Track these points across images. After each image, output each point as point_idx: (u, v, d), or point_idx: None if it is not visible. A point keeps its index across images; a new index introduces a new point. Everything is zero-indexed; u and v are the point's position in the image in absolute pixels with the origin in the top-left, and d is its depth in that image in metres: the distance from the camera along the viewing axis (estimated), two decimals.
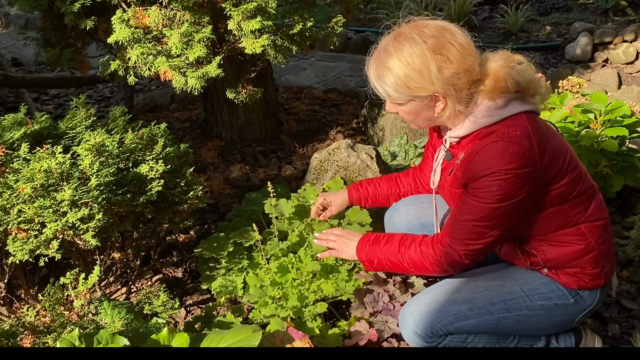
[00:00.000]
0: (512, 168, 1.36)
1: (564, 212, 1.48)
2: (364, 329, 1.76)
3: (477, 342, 1.58)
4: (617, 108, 2.46)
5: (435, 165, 1.64)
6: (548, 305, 1.55)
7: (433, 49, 1.38)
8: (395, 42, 1.42)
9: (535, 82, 1.46)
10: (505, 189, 1.38)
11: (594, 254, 1.52)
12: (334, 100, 3.95)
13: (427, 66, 1.38)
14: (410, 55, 1.39)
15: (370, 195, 1.93)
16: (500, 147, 1.37)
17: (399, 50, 1.40)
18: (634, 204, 2.55)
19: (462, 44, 1.40)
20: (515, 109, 1.42)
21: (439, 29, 1.41)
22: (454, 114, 1.45)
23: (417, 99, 1.44)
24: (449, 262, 1.52)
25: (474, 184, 1.42)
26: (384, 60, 1.43)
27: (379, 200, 1.94)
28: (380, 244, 1.66)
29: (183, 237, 2.50)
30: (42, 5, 2.63)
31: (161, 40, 2.34)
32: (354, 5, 2.98)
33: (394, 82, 1.42)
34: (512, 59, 1.46)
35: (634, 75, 4.24)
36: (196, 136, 3.39)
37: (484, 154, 1.39)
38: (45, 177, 1.65)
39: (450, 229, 1.51)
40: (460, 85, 1.40)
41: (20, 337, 1.46)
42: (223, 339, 1.33)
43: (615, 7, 5.01)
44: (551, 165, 1.43)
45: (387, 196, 1.92)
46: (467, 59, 1.39)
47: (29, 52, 4.44)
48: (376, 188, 1.93)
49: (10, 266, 1.83)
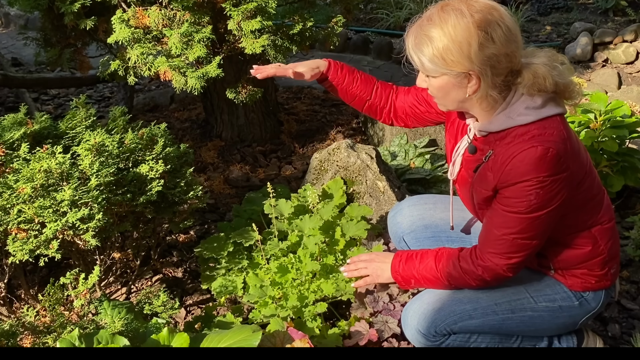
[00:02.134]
0: (549, 174, 1.32)
1: (580, 216, 1.47)
2: (364, 329, 1.76)
3: (480, 342, 1.57)
4: (617, 108, 2.47)
5: (455, 156, 1.58)
6: (552, 307, 1.55)
7: (479, 25, 1.31)
8: (441, 12, 1.34)
9: (573, 87, 1.40)
10: (543, 196, 1.34)
11: (602, 256, 1.51)
12: (334, 100, 3.94)
13: (468, 41, 1.30)
14: (454, 27, 1.31)
15: (343, 86, 1.76)
16: (540, 153, 1.31)
17: (444, 20, 1.33)
18: (634, 204, 2.56)
19: (509, 27, 1.33)
20: (551, 110, 1.37)
21: (488, 6, 1.34)
22: (485, 98, 1.38)
23: (450, 74, 1.36)
24: (493, 277, 1.48)
25: (507, 191, 1.37)
26: (426, 28, 1.35)
27: (346, 95, 1.78)
28: (415, 261, 1.59)
29: (183, 237, 2.50)
30: (42, 5, 2.63)
31: (161, 40, 2.34)
32: (354, 5, 2.98)
33: (431, 52, 1.34)
34: (556, 59, 1.40)
35: (634, 75, 4.24)
36: (196, 136, 3.39)
37: (522, 158, 1.33)
38: (45, 177, 1.65)
39: (489, 243, 1.46)
40: (499, 70, 1.34)
41: (20, 337, 1.46)
42: (223, 339, 1.33)
43: (615, 7, 5.01)
44: (579, 169, 1.40)
45: (355, 96, 1.77)
46: (510, 44, 1.33)
47: (29, 52, 4.43)
48: (351, 83, 1.77)
49: (10, 266, 1.83)
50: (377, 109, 1.79)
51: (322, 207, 2.10)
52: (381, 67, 4.75)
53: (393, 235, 1.92)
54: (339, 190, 2.18)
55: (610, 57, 4.39)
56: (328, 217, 2.05)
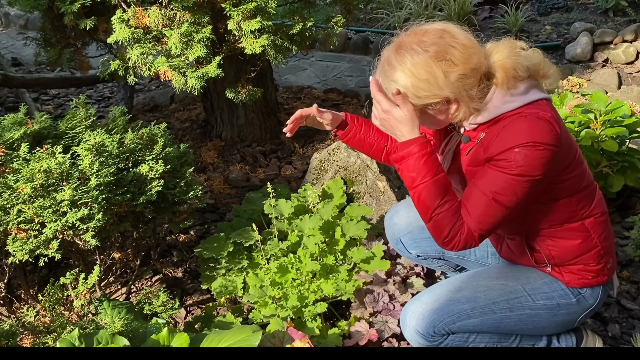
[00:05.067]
0: (540, 142, 1.34)
1: (572, 205, 1.48)
2: (364, 329, 1.76)
3: (478, 341, 1.58)
4: (617, 108, 2.46)
5: (447, 151, 1.60)
6: (550, 304, 1.55)
7: (436, 57, 1.36)
8: (397, 55, 1.40)
9: (544, 64, 1.45)
10: (531, 160, 1.35)
11: (596, 250, 1.52)
12: (334, 100, 3.95)
13: (433, 74, 1.36)
14: (414, 66, 1.37)
15: (361, 135, 1.80)
16: (530, 121, 1.35)
17: (402, 63, 1.38)
18: (634, 204, 2.55)
19: (465, 44, 1.38)
20: (536, 95, 1.42)
21: (438, 33, 1.39)
22: (469, 112, 1.44)
23: (429, 107, 1.42)
24: (465, 242, 1.44)
25: (499, 156, 1.38)
26: (389, 73, 1.41)
27: (364, 144, 1.81)
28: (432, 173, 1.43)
29: (183, 237, 2.50)
30: (42, 5, 2.63)
31: (161, 40, 2.34)
32: (354, 5, 2.98)
33: (409, 86, 1.39)
34: (516, 46, 1.44)
35: (634, 75, 4.24)
36: (196, 136, 3.40)
37: (512, 127, 1.37)
38: (45, 177, 1.65)
39: (468, 201, 1.43)
40: (470, 84, 1.38)
41: (20, 337, 1.46)
42: (223, 339, 1.33)
43: (615, 7, 5.01)
44: (567, 153, 1.43)
45: (373, 144, 1.81)
46: (471, 58, 1.38)
47: (29, 52, 4.44)
48: (368, 132, 1.82)
49: (10, 266, 1.83)
50: None
51: (322, 207, 2.10)
52: None
53: (390, 236, 1.92)
54: (339, 190, 2.18)
55: (610, 57, 4.39)
56: (328, 217, 2.05)
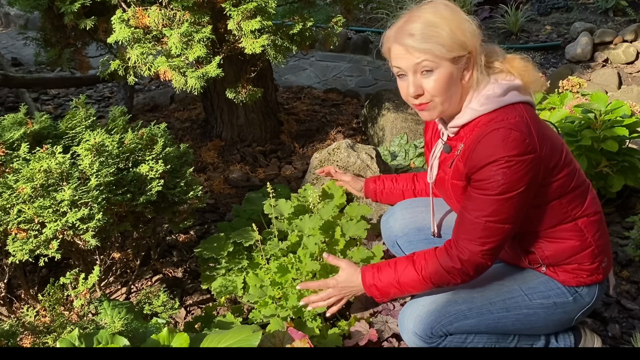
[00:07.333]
0: (514, 155, 1.35)
1: (563, 207, 1.48)
2: (364, 329, 1.76)
3: (477, 342, 1.58)
4: (617, 108, 2.46)
5: (432, 160, 1.62)
6: (547, 303, 1.56)
7: (452, 6, 1.43)
8: (418, 10, 1.43)
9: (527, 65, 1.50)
10: (510, 176, 1.36)
11: (591, 249, 1.52)
12: (334, 100, 3.95)
13: (460, 19, 1.41)
14: (445, 10, 1.41)
15: (386, 189, 1.94)
16: (502, 134, 1.36)
17: (433, 11, 1.41)
18: (634, 204, 2.55)
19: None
20: (513, 98, 1.43)
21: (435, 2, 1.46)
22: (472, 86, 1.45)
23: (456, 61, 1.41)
24: (473, 268, 1.47)
25: (477, 175, 1.40)
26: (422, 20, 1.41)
27: (394, 194, 1.93)
28: (390, 270, 1.55)
29: (183, 237, 2.50)
30: (42, 5, 2.63)
31: (161, 40, 2.34)
32: (354, 5, 2.98)
33: (450, 30, 1.39)
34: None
35: (634, 75, 4.24)
36: (196, 136, 3.40)
37: (485, 142, 1.38)
38: (45, 177, 1.65)
39: (463, 229, 1.46)
40: (479, 44, 1.43)
41: (20, 337, 1.45)
42: (223, 339, 1.33)
43: (615, 7, 5.01)
44: (551, 156, 1.43)
45: (402, 191, 1.92)
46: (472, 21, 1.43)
47: (29, 52, 4.44)
48: (392, 183, 1.94)
49: (10, 266, 1.83)
50: (424, 191, 1.89)
51: (322, 207, 2.10)
52: (381, 67, 4.75)
53: (386, 239, 1.92)
54: (338, 190, 2.18)
55: (610, 57, 4.39)
56: (328, 217, 2.05)
